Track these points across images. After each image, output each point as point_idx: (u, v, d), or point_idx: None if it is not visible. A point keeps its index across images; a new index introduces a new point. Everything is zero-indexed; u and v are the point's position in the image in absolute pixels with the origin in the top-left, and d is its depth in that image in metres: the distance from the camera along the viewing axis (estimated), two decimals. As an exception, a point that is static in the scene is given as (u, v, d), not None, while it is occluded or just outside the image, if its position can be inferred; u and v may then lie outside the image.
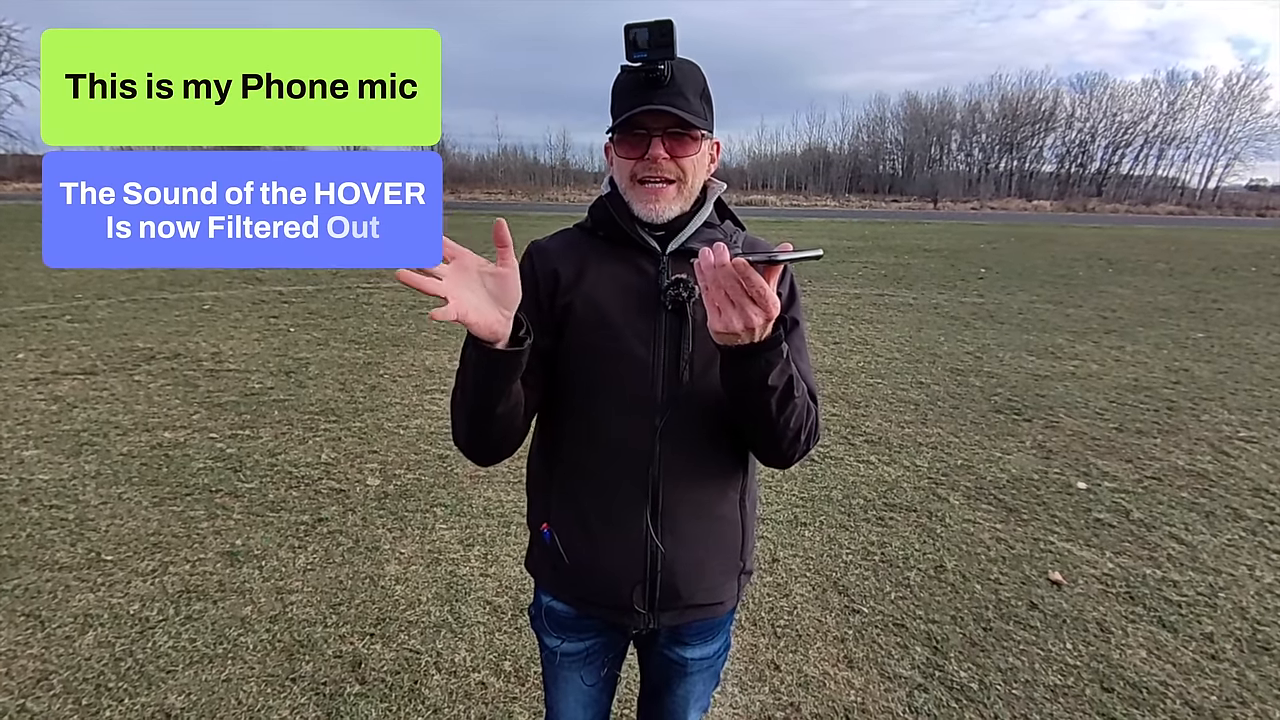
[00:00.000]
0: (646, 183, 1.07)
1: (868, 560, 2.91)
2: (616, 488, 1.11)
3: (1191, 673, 2.27)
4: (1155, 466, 3.88)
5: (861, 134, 59.52)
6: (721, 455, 1.14)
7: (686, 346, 1.07)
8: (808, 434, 1.06)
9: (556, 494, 1.16)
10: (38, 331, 6.28)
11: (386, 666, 2.22)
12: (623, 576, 1.12)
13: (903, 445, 4.14)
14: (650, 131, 1.04)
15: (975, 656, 2.33)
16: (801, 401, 1.02)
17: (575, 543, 1.14)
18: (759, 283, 0.84)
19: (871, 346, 6.54)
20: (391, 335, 6.57)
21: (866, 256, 13.95)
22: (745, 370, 0.95)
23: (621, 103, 1.05)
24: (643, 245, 1.10)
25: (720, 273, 0.85)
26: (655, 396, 1.08)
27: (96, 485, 3.37)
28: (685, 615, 1.18)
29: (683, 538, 1.13)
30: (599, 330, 1.08)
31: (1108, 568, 2.86)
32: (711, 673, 1.32)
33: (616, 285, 1.09)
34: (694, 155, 1.07)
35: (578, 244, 1.15)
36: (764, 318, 0.87)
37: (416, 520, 3.13)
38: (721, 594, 1.20)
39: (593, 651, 1.26)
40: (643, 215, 1.08)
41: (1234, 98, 48.18)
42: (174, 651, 2.25)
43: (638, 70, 1.02)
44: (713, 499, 1.15)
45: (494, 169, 54.97)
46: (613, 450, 1.10)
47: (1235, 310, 8.67)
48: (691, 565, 1.14)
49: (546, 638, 1.27)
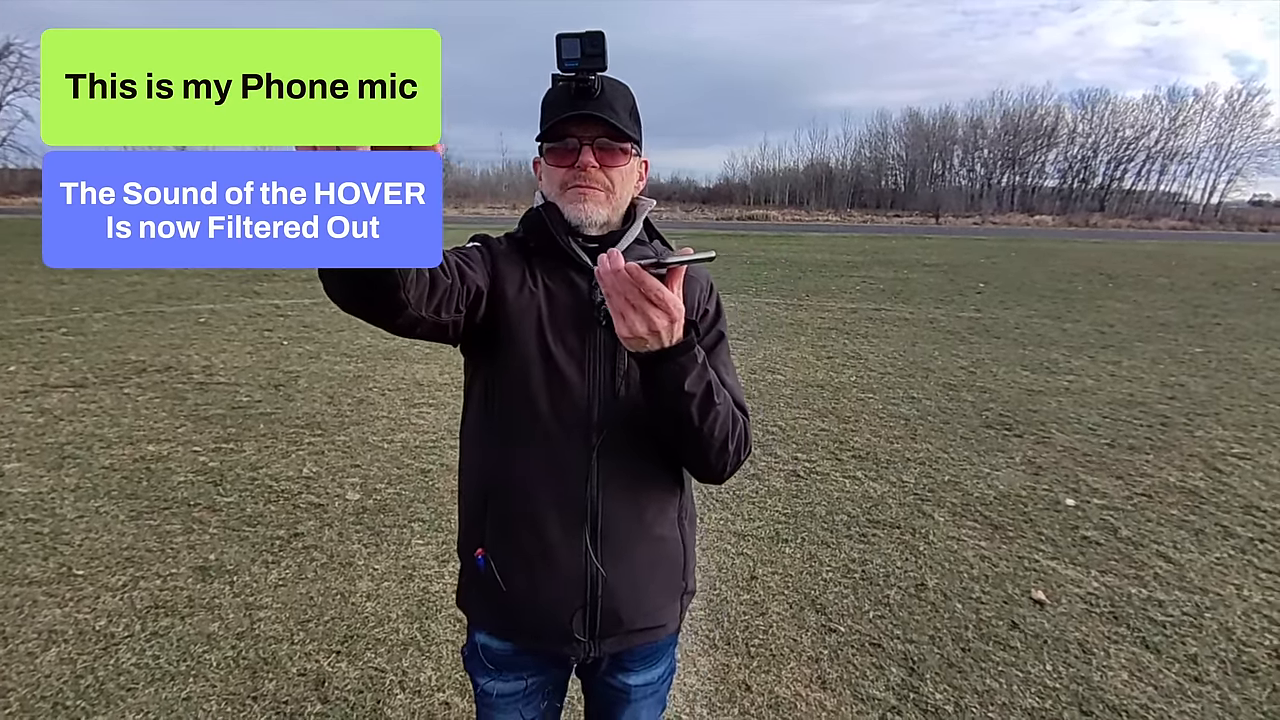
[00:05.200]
0: (576, 188, 1.06)
1: (848, 578, 2.86)
2: (553, 511, 1.07)
3: (1173, 695, 2.21)
4: (1146, 483, 3.83)
5: (864, 149, 60.00)
6: (659, 473, 1.12)
7: (621, 363, 1.06)
8: (736, 444, 1.04)
9: (491, 518, 1.11)
10: (31, 344, 6.30)
11: (350, 685, 2.19)
12: (562, 603, 1.09)
13: (890, 461, 4.10)
14: (581, 140, 1.04)
15: (952, 678, 2.28)
16: (725, 409, 1.01)
17: (512, 569, 1.10)
18: (655, 285, 0.85)
19: (865, 361, 6.51)
20: (384, 349, 6.57)
21: (866, 271, 13.96)
22: (660, 376, 0.94)
23: (551, 112, 1.04)
24: (575, 260, 1.09)
25: (618, 278, 0.85)
26: (591, 415, 1.06)
27: (75, 499, 3.36)
28: (627, 640, 1.15)
29: (624, 560, 1.10)
30: (533, 348, 1.06)
31: (1092, 586, 2.81)
32: (656, 699, 1.28)
33: (550, 301, 1.08)
34: (623, 167, 1.07)
35: (515, 254, 1.12)
36: (667, 319, 0.88)
37: (393, 535, 3.10)
38: (663, 617, 1.17)
39: (531, 690, 1.21)
40: (572, 219, 1.07)
41: (1235, 114, 48.48)
42: (136, 669, 2.22)
43: (569, 81, 1.02)
44: (653, 518, 1.13)
45: (498, 183, 55.45)
46: (548, 472, 1.07)
47: (1234, 325, 8.62)
48: (633, 588, 1.11)
49: (481, 678, 1.21)
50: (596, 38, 1.00)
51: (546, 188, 1.10)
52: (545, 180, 1.11)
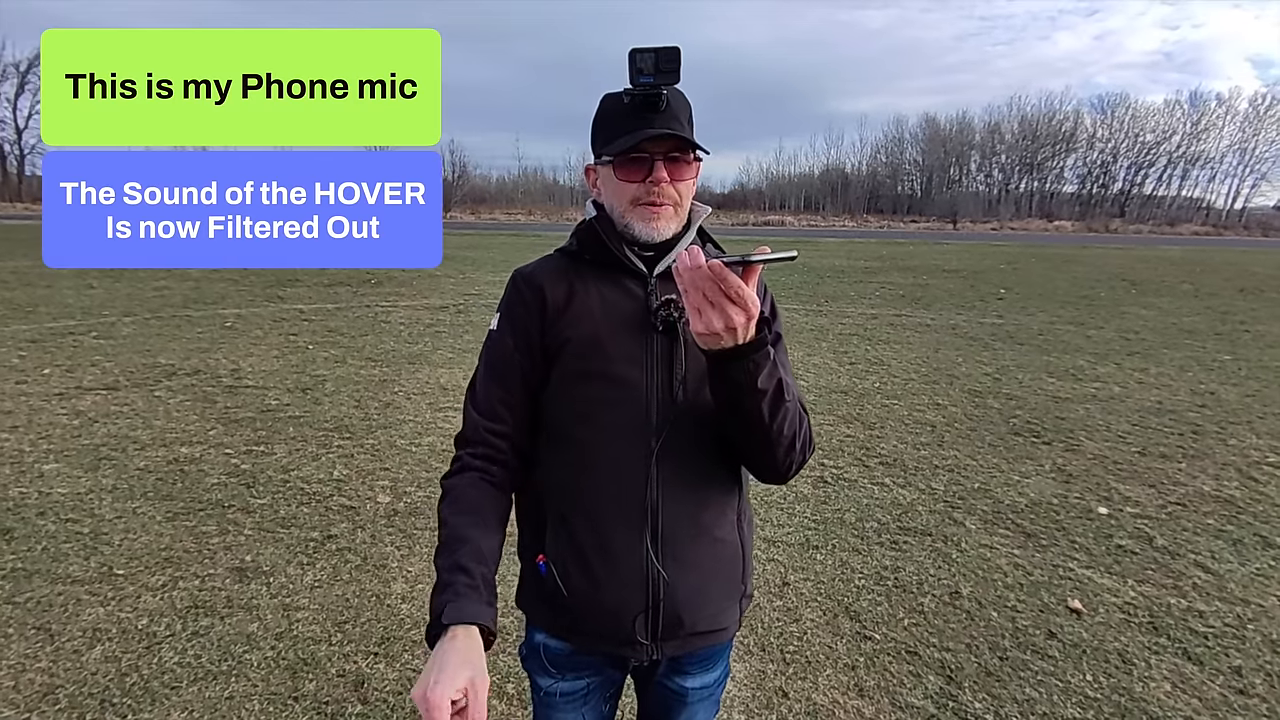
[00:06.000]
0: (648, 204, 1.06)
1: (881, 585, 2.85)
2: (614, 514, 1.08)
3: (1219, 708, 2.18)
4: (1180, 492, 3.77)
5: (880, 155, 59.61)
6: (719, 475, 1.13)
7: (679, 367, 1.06)
8: (803, 443, 1.05)
9: (551, 524, 1.13)
10: (64, 348, 6.41)
11: (389, 686, 2.20)
12: (624, 607, 1.09)
13: (918, 468, 4.07)
14: (652, 155, 1.04)
15: (991, 686, 2.26)
16: (794, 407, 1.01)
17: (573, 574, 1.10)
18: (735, 282, 0.85)
19: (888, 367, 6.47)
20: (408, 353, 6.63)
21: (884, 277, 13.87)
22: (733, 374, 0.93)
23: (618, 126, 1.05)
24: (631, 268, 1.09)
25: (697, 274, 0.85)
26: (650, 419, 1.06)
27: (112, 500, 3.41)
28: (689, 644, 1.15)
29: (684, 563, 1.10)
30: (591, 356, 1.07)
31: (1130, 596, 2.78)
32: (712, 701, 1.28)
33: (606, 309, 1.08)
34: (690, 179, 1.08)
35: (563, 269, 1.13)
36: (744, 316, 0.87)
37: (425, 538, 3.12)
38: (724, 620, 1.17)
39: (592, 690, 1.22)
40: (642, 235, 1.08)
41: (1259, 118, 47.61)
42: (179, 668, 2.25)
43: (635, 95, 1.03)
44: (712, 521, 1.13)
45: (514, 190, 55.72)
46: (609, 476, 1.08)
47: (1263, 332, 8.48)
48: (694, 591, 1.11)
49: (540, 678, 1.21)
50: (672, 53, 1.00)
51: (611, 200, 1.10)
52: (608, 192, 1.10)
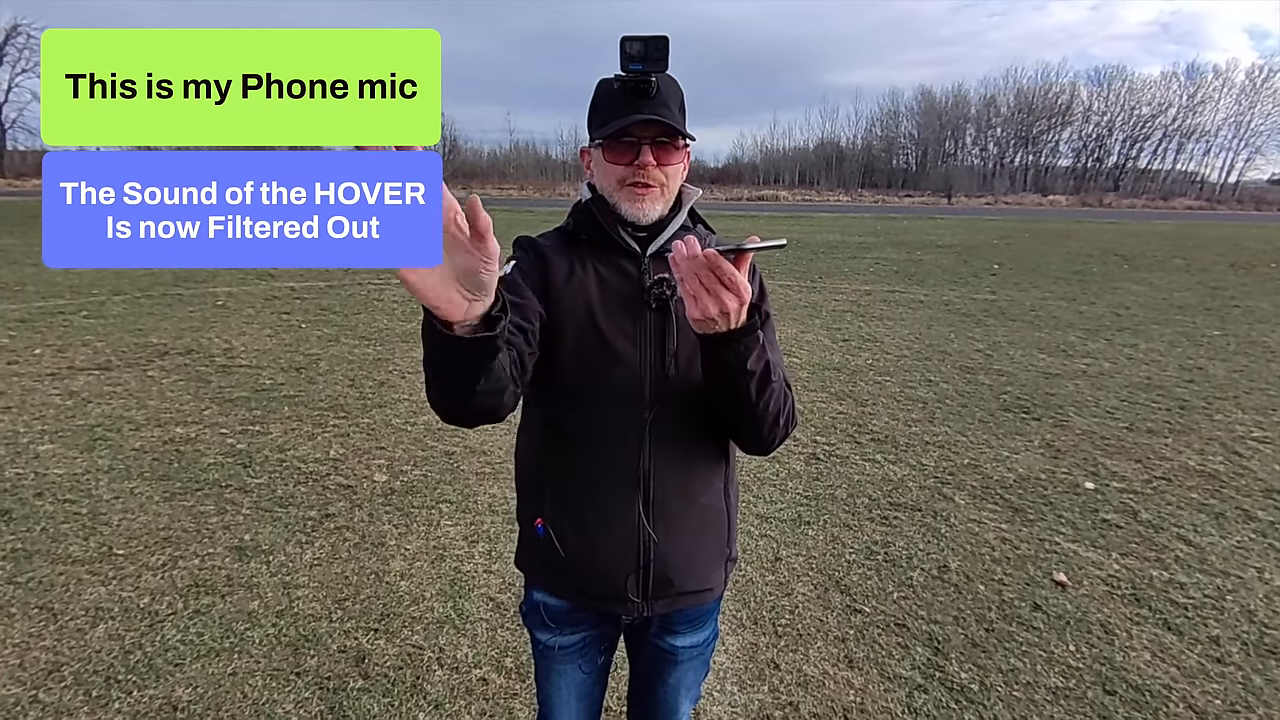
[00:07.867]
0: (634, 186, 1.11)
1: (871, 560, 2.90)
2: (608, 481, 1.15)
3: (1196, 676, 2.25)
4: (1165, 466, 3.84)
5: (875, 128, 59.26)
6: (707, 446, 1.20)
7: (671, 342, 1.12)
8: (785, 418, 1.11)
9: (549, 489, 1.19)
10: (54, 327, 6.37)
11: (390, 662, 2.25)
12: (617, 567, 1.17)
13: (909, 444, 4.12)
14: (639, 140, 1.09)
15: (976, 657, 2.32)
16: (779, 387, 1.07)
17: (569, 536, 1.17)
18: (729, 269, 0.88)
19: (881, 344, 6.51)
20: (401, 331, 6.62)
21: (878, 252, 13.87)
22: (724, 356, 0.98)
23: (609, 111, 1.09)
24: (625, 248, 1.15)
25: (694, 263, 0.88)
26: (644, 392, 1.13)
27: (109, 480, 3.43)
28: (677, 602, 1.23)
29: (673, 527, 1.17)
30: (587, 330, 1.12)
31: (1113, 569, 2.84)
32: (701, 661, 1.36)
33: (602, 286, 1.14)
34: (677, 164, 1.13)
35: (562, 246, 1.18)
36: (738, 302, 0.91)
37: (422, 516, 3.15)
38: (711, 581, 1.25)
39: (587, 643, 1.30)
40: (629, 216, 1.13)
41: (1255, 90, 47.49)
42: (182, 645, 2.29)
43: (625, 81, 1.06)
44: (701, 488, 1.20)
45: (505, 164, 55.14)
46: (604, 445, 1.15)
47: (1253, 307, 8.55)
48: (682, 553, 1.19)
49: (539, 633, 1.30)
50: (661, 42, 1.04)
51: (600, 181, 1.16)
52: (599, 174, 1.16)
